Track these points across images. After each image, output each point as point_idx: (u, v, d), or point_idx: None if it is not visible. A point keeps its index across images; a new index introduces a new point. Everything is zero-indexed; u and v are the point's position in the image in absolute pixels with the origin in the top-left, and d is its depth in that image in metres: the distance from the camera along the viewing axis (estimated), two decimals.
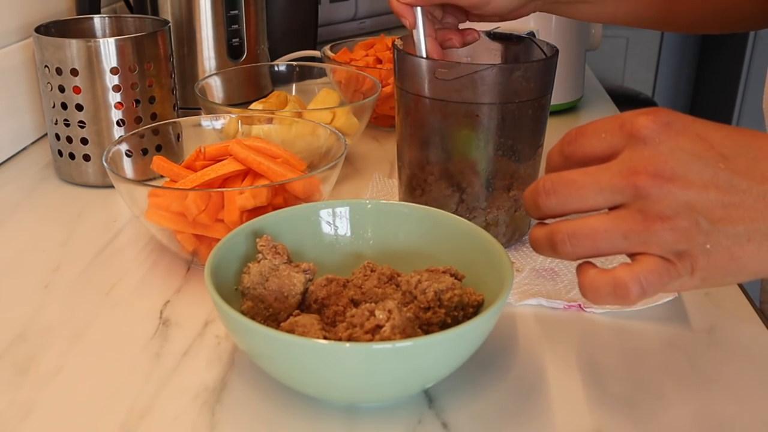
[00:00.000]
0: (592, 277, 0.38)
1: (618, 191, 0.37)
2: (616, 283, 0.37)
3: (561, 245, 0.38)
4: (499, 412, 0.45)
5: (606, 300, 0.38)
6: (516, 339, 0.52)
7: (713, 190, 0.36)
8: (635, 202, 0.37)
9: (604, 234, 0.37)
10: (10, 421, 0.43)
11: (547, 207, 0.39)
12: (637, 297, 0.37)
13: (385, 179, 0.75)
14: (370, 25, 1.39)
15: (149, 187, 0.56)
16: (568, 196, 0.38)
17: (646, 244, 0.37)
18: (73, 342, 0.51)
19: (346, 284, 0.50)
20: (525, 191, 0.40)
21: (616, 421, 0.44)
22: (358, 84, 0.87)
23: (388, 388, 0.43)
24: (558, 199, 0.38)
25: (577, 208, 0.38)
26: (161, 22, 0.80)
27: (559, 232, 0.38)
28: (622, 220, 0.37)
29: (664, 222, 0.36)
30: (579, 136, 0.39)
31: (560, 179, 0.38)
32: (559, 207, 0.38)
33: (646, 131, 0.37)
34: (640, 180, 0.36)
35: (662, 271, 0.37)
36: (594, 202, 0.38)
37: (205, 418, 0.44)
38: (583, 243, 0.38)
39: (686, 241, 0.36)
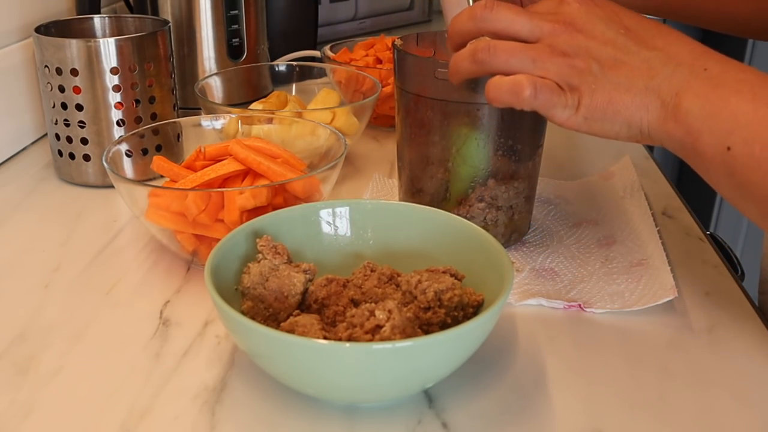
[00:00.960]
0: (498, 77, 0.47)
1: (538, 27, 0.47)
2: (515, 81, 0.46)
3: (481, 53, 0.47)
4: (499, 412, 0.45)
5: (503, 95, 0.46)
6: (516, 339, 0.52)
7: (610, 46, 0.46)
8: (548, 38, 0.46)
9: (519, 52, 0.46)
10: (10, 421, 0.43)
11: (482, 17, 0.48)
12: (528, 99, 0.46)
13: (385, 179, 0.75)
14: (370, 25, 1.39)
15: (149, 187, 0.56)
16: (502, 16, 0.47)
17: (547, 71, 0.46)
18: (73, 342, 0.51)
19: (346, 284, 0.50)
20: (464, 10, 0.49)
21: (616, 421, 0.44)
22: (358, 84, 0.87)
23: (388, 388, 0.43)
24: (493, 14, 0.47)
25: (504, 27, 0.47)
26: (161, 22, 0.80)
27: (481, 42, 0.47)
28: (534, 48, 0.46)
29: (565, 57, 0.46)
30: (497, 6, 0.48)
31: (500, 4, 0.47)
32: (490, 20, 0.47)
33: None
34: (557, 25, 0.46)
35: (554, 91, 0.46)
36: (519, 28, 0.47)
37: (205, 418, 0.44)
38: (499, 55, 0.47)
39: (578, 77, 0.46)
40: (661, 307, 0.54)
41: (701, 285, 0.58)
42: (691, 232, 0.67)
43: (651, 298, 0.55)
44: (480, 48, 0.47)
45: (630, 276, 0.58)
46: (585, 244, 0.63)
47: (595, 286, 0.57)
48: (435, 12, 1.53)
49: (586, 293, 0.56)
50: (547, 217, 0.68)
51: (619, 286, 0.57)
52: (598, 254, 0.62)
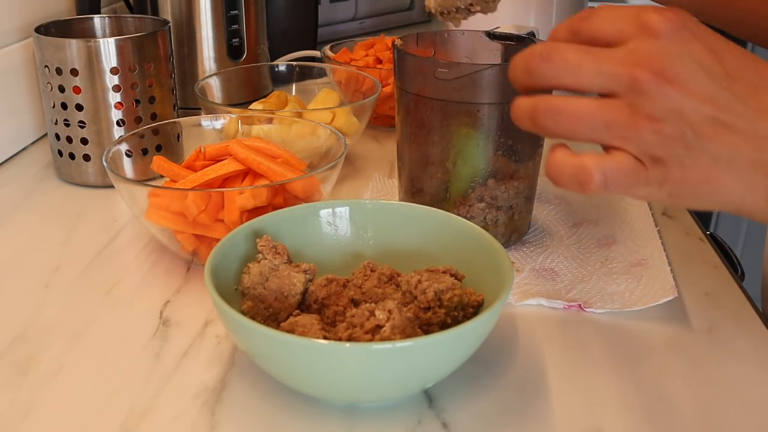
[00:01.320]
0: (560, 156, 0.37)
1: (615, 79, 0.35)
2: (581, 167, 0.36)
3: (542, 117, 0.37)
4: (500, 412, 0.45)
5: (566, 182, 0.37)
6: (516, 339, 0.52)
7: (709, 105, 0.35)
8: (628, 94, 0.35)
9: (588, 118, 0.36)
10: (10, 421, 0.43)
11: (538, 72, 0.37)
12: (597, 188, 0.36)
13: (385, 179, 0.75)
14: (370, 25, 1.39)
15: (149, 187, 0.56)
16: (563, 68, 0.36)
17: (625, 140, 0.36)
18: (73, 342, 0.51)
19: (346, 284, 0.50)
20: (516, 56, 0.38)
21: (616, 421, 0.44)
22: (358, 84, 0.87)
23: (388, 388, 0.43)
24: (552, 67, 0.36)
25: (568, 83, 0.36)
26: (161, 22, 0.80)
27: (543, 103, 0.37)
28: (610, 109, 0.36)
29: (651, 122, 0.35)
30: (593, 15, 0.37)
31: (559, 48, 0.37)
32: (549, 76, 0.37)
33: (660, 26, 0.35)
34: (641, 73, 0.35)
35: (631, 172, 0.36)
36: (588, 82, 0.36)
37: (205, 418, 0.44)
38: (564, 121, 0.36)
39: (666, 148, 0.35)
40: (661, 307, 0.54)
41: (701, 285, 0.58)
42: (691, 232, 0.67)
43: (651, 298, 0.55)
44: (540, 111, 0.37)
45: (630, 276, 0.58)
46: (585, 244, 0.63)
47: (595, 286, 0.57)
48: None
49: (586, 293, 0.56)
50: (547, 217, 0.68)
51: (619, 286, 0.57)
52: (598, 254, 0.62)
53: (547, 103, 0.37)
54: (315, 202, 0.58)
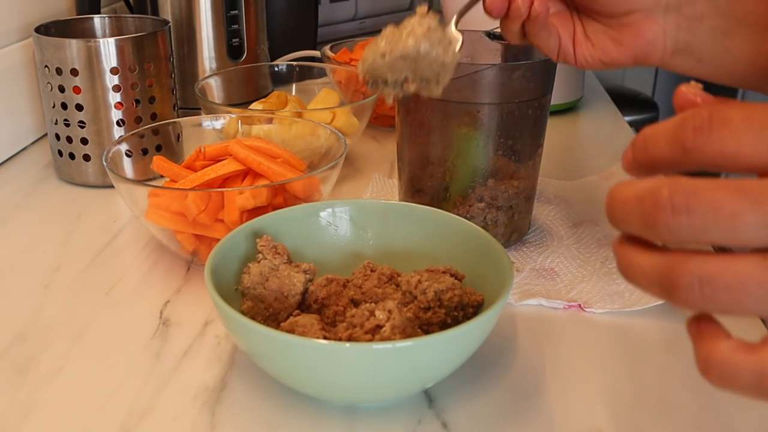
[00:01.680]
0: (725, 354, 0.27)
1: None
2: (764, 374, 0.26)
3: (687, 291, 0.26)
4: (499, 412, 0.45)
5: (744, 390, 0.26)
6: (516, 339, 0.52)
7: None
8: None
9: (757, 288, 0.25)
10: (10, 421, 0.43)
11: (671, 231, 0.26)
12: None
13: (385, 179, 0.75)
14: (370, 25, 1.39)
15: (149, 187, 0.56)
16: (711, 222, 0.25)
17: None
18: (73, 342, 0.51)
19: (346, 284, 0.50)
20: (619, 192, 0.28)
21: (616, 421, 0.44)
22: (358, 84, 0.87)
23: (388, 388, 0.43)
24: (693, 222, 0.25)
25: (720, 241, 0.25)
26: (161, 22, 0.80)
27: (687, 271, 0.26)
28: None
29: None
30: (718, 125, 0.25)
31: (698, 193, 0.25)
32: (690, 234, 0.25)
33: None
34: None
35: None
36: (751, 238, 0.25)
37: (205, 418, 0.44)
38: (721, 296, 0.25)
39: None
40: (661, 307, 0.54)
41: None
42: None
43: (651, 299, 0.55)
44: (682, 284, 0.26)
45: None
46: (585, 244, 0.63)
47: (595, 286, 0.57)
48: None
49: (586, 293, 0.56)
50: (547, 217, 0.68)
51: (619, 286, 0.57)
52: (598, 254, 0.62)
53: (693, 272, 0.26)
54: (315, 202, 0.58)
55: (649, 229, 0.26)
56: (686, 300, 0.26)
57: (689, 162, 0.26)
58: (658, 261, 0.27)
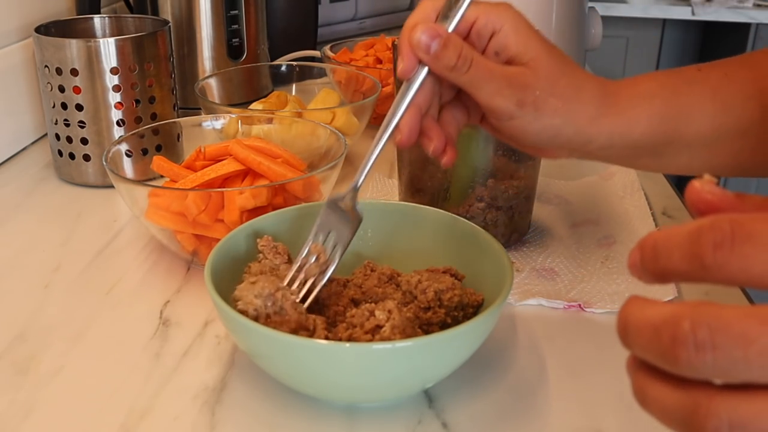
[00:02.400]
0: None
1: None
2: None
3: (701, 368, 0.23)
4: (499, 412, 0.45)
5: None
6: (516, 339, 0.52)
7: None
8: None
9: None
10: (10, 421, 0.43)
11: (697, 367, 0.23)
12: None
13: (385, 179, 0.75)
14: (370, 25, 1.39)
15: (149, 187, 0.56)
16: (741, 360, 0.22)
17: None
18: (73, 342, 0.51)
19: (347, 284, 0.50)
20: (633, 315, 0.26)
21: (616, 421, 0.44)
22: (358, 84, 0.87)
23: (388, 388, 0.43)
24: (719, 360, 0.22)
25: (750, 380, 0.23)
26: (161, 22, 0.80)
27: (715, 414, 0.23)
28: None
29: None
30: (740, 241, 0.23)
31: (724, 327, 0.22)
32: (718, 372, 0.23)
33: None
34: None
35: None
36: None
37: (205, 418, 0.44)
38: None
39: None
40: None
41: (701, 285, 0.58)
42: None
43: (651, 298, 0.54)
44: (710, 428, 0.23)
45: (630, 276, 0.58)
46: (585, 244, 0.63)
47: (595, 286, 0.57)
48: None
49: (586, 293, 0.56)
50: (547, 217, 0.68)
51: (619, 286, 0.57)
52: (598, 254, 0.62)
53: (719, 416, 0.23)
54: (315, 202, 0.58)
55: (668, 364, 0.24)
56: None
57: (708, 279, 0.24)
58: (682, 398, 0.24)
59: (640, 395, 0.26)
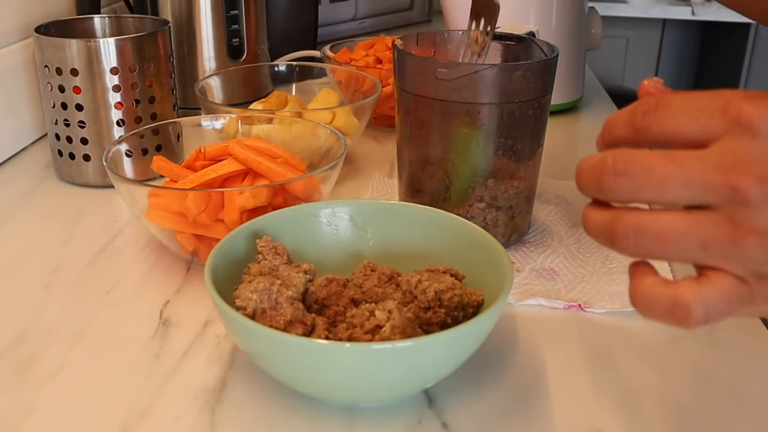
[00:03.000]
0: (648, 286, 0.32)
1: (710, 190, 0.30)
2: (676, 303, 0.31)
3: (622, 239, 0.31)
4: (499, 412, 0.45)
5: (659, 317, 0.32)
6: (516, 339, 0.52)
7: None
8: (727, 206, 0.30)
9: (679, 237, 0.30)
10: (10, 421, 0.43)
11: (614, 190, 0.31)
12: (698, 323, 0.31)
13: (385, 179, 0.75)
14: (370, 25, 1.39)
15: (149, 187, 0.56)
16: (644, 183, 0.31)
17: (726, 260, 0.30)
18: (73, 342, 0.51)
19: (347, 284, 0.50)
20: (582, 163, 0.33)
21: (616, 421, 0.44)
22: (358, 84, 0.87)
23: (388, 388, 0.43)
24: (630, 183, 0.31)
25: (651, 199, 0.31)
26: (161, 22, 0.80)
27: (623, 222, 0.31)
28: (705, 225, 0.30)
29: (759, 237, 0.29)
30: (662, 108, 0.31)
31: (636, 160, 0.31)
32: (628, 193, 0.31)
33: (757, 122, 0.29)
34: (743, 182, 0.29)
35: (734, 297, 0.31)
36: (675, 196, 0.30)
37: (205, 418, 0.44)
38: (650, 243, 0.31)
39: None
40: None
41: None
42: None
43: None
44: (619, 233, 0.32)
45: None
46: (585, 244, 0.63)
47: (595, 286, 0.57)
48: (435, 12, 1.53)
49: (586, 293, 0.56)
50: (547, 217, 0.68)
51: (619, 286, 0.57)
52: (598, 254, 0.62)
53: (628, 223, 0.31)
54: (315, 202, 0.58)
55: (599, 191, 0.32)
56: (622, 246, 0.32)
57: (640, 140, 0.32)
58: (605, 215, 0.32)
59: (584, 220, 0.34)
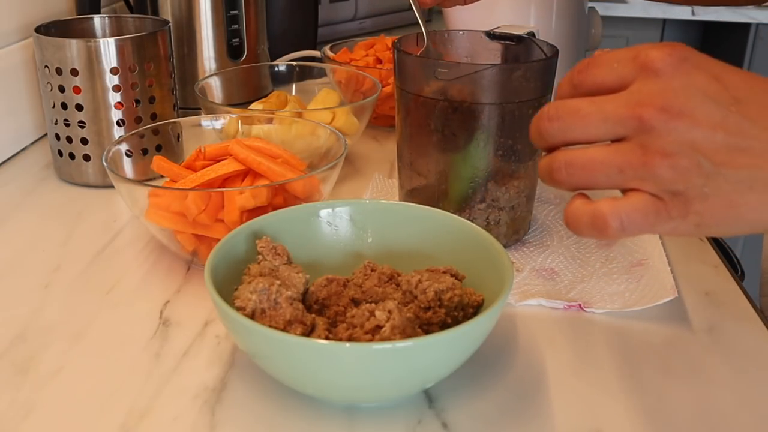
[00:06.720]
0: (576, 206, 0.38)
1: (621, 123, 0.36)
2: (596, 215, 0.37)
3: (557, 173, 0.38)
4: (500, 412, 0.45)
5: (584, 230, 0.38)
6: (516, 339, 0.52)
7: (721, 132, 0.35)
8: (638, 135, 0.36)
9: (600, 165, 0.36)
10: (10, 421, 0.43)
11: (549, 133, 0.38)
12: (615, 233, 0.36)
13: (385, 179, 0.75)
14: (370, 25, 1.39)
15: (149, 187, 0.56)
16: (571, 123, 0.37)
17: (641, 180, 0.36)
18: (73, 342, 0.51)
19: (347, 284, 0.50)
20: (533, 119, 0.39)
21: (616, 421, 0.44)
22: (358, 84, 0.87)
23: (388, 388, 0.43)
24: (560, 125, 0.37)
25: (578, 137, 0.37)
26: (161, 22, 0.80)
27: (557, 159, 0.38)
28: (621, 152, 0.36)
29: (664, 158, 0.35)
30: (590, 65, 0.38)
31: (564, 106, 0.37)
32: (561, 134, 0.38)
33: (659, 64, 0.36)
34: (646, 113, 0.35)
35: (649, 211, 0.36)
36: (596, 132, 0.37)
37: (205, 418, 0.44)
38: (578, 173, 0.37)
39: (684, 182, 0.35)
40: (661, 307, 0.54)
41: (701, 285, 0.58)
42: None
43: (651, 299, 0.55)
44: (554, 167, 0.38)
45: (630, 276, 0.58)
46: (585, 244, 0.63)
47: (595, 286, 0.57)
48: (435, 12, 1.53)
49: (586, 293, 0.56)
50: (547, 217, 0.68)
51: (619, 286, 0.57)
52: (598, 254, 0.62)
53: (559, 159, 0.38)
54: (315, 202, 0.58)
55: (540, 137, 0.39)
56: (559, 178, 0.38)
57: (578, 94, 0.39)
58: (546, 158, 0.39)
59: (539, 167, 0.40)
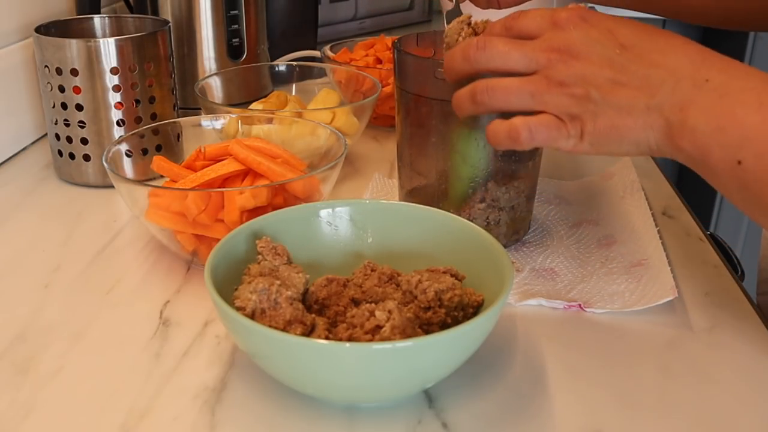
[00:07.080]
0: (496, 123, 0.48)
1: (534, 60, 0.46)
2: (511, 127, 0.47)
3: (480, 95, 0.48)
4: (500, 412, 0.45)
5: (502, 141, 0.48)
6: (516, 339, 0.52)
7: (607, 69, 0.45)
8: (544, 70, 0.46)
9: (515, 90, 0.47)
10: (10, 421, 0.43)
11: (474, 59, 0.48)
12: (526, 141, 0.47)
13: (385, 179, 0.75)
14: (370, 25, 1.39)
15: (149, 187, 0.56)
16: (495, 54, 0.47)
17: (546, 104, 0.46)
18: (73, 342, 0.51)
19: (347, 284, 0.50)
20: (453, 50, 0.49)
21: (616, 421, 0.44)
22: (358, 84, 0.87)
23: (388, 388, 0.43)
24: (486, 54, 0.47)
25: (499, 66, 0.47)
26: (161, 22, 0.80)
27: (481, 83, 0.48)
28: (531, 82, 0.46)
29: (563, 87, 0.45)
30: (521, 16, 0.48)
31: (492, 40, 0.48)
32: (484, 60, 0.48)
33: (565, 20, 0.47)
34: (552, 54, 0.46)
35: (552, 126, 0.46)
36: (514, 64, 0.47)
37: (205, 418, 0.44)
38: (498, 95, 0.47)
39: (578, 106, 0.45)
40: (661, 307, 0.54)
41: (701, 285, 0.58)
42: (691, 232, 0.67)
43: (651, 299, 0.55)
44: (478, 90, 0.48)
45: (630, 276, 0.58)
46: (585, 244, 0.63)
47: (595, 286, 0.57)
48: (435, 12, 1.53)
49: (586, 293, 0.56)
50: (547, 217, 0.68)
51: (619, 286, 0.57)
52: (598, 254, 0.62)
53: (483, 84, 0.48)
54: (315, 202, 0.58)
55: (466, 61, 0.48)
56: (481, 99, 0.48)
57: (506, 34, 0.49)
58: (469, 86, 0.49)
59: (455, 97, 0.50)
